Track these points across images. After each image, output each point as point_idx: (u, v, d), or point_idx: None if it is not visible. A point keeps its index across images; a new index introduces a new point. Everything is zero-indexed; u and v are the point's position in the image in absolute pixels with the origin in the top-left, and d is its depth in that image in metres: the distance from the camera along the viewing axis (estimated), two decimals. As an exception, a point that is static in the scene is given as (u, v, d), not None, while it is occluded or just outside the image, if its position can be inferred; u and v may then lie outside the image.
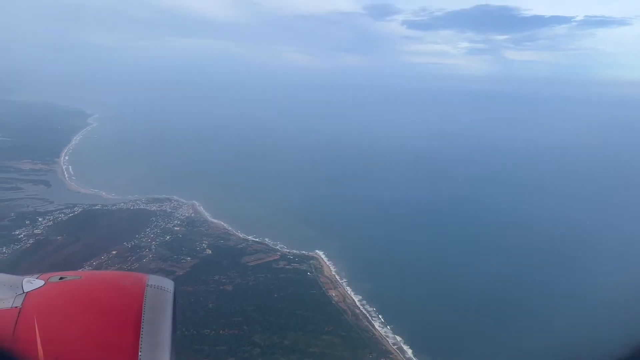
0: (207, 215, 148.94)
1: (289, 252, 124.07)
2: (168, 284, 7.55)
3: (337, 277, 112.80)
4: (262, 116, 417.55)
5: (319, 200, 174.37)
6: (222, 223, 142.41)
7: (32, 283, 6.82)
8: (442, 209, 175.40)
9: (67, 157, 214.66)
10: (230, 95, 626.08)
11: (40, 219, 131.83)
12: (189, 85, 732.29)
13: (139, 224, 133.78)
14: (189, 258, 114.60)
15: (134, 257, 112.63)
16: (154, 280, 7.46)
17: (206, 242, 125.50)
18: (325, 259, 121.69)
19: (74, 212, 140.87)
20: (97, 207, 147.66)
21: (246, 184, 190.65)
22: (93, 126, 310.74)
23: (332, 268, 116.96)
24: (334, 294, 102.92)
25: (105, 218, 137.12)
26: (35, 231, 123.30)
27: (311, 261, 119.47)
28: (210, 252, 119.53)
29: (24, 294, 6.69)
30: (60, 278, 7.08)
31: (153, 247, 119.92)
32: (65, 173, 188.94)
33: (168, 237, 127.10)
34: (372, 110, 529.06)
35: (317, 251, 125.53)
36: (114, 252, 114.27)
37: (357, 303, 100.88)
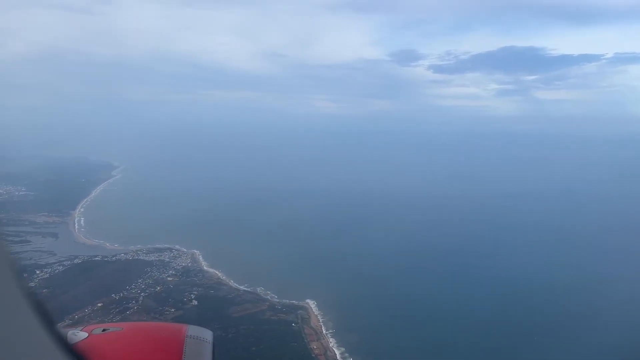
0: (204, 265, 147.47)
1: (278, 302, 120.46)
2: (207, 334, 7.76)
3: (324, 328, 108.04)
4: (283, 164, 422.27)
5: (320, 248, 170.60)
6: (217, 272, 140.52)
7: (77, 335, 7.03)
8: (452, 258, 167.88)
9: (82, 209, 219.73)
10: (256, 144, 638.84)
11: (38, 272, 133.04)
12: (219, 136, 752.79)
13: (133, 275, 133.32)
14: (173, 309, 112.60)
15: (117, 310, 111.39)
16: (193, 330, 7.68)
17: (195, 293, 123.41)
18: (316, 309, 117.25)
19: (74, 263, 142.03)
20: (97, 259, 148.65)
21: (251, 231, 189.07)
22: (116, 178, 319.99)
23: (320, 318, 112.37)
24: (315, 347, 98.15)
25: (100, 269, 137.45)
26: (30, 284, 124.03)
27: (299, 311, 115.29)
28: (196, 303, 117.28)
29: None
30: (103, 330, 7.37)
31: (141, 298, 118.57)
32: (76, 225, 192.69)
33: (159, 288, 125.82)
34: (389, 155, 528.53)
35: (308, 300, 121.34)
36: (99, 305, 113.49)
37: (339, 356, 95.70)
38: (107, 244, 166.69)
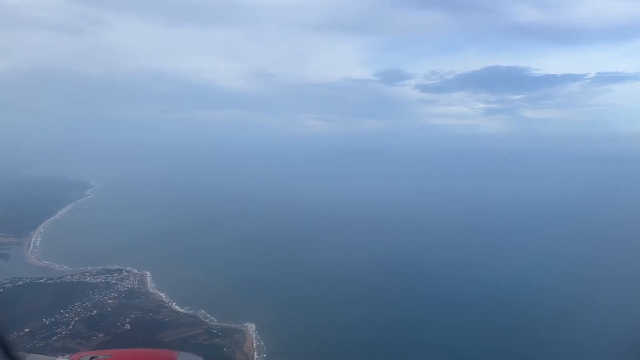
0: (150, 287, 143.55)
1: (216, 326, 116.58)
2: None
3: (256, 352, 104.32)
4: (262, 183, 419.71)
5: (274, 267, 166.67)
6: (162, 294, 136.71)
7: None
8: (417, 277, 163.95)
9: (42, 230, 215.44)
10: (241, 163, 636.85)
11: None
12: (206, 155, 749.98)
13: (72, 298, 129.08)
14: (102, 334, 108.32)
15: (44, 335, 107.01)
16: (184, 357, 7.85)
17: (132, 316, 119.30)
18: (253, 333, 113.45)
19: (15, 286, 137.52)
20: (40, 281, 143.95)
21: (208, 252, 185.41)
22: (87, 198, 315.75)
23: (255, 342, 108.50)
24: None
25: (40, 292, 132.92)
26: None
27: (235, 335, 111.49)
28: (129, 327, 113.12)
29: None
30: (91, 358, 7.28)
31: (72, 323, 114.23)
32: (31, 246, 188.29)
33: (95, 312, 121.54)
34: (372, 172, 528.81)
35: (247, 324, 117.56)
36: (26, 330, 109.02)
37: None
38: (57, 266, 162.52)
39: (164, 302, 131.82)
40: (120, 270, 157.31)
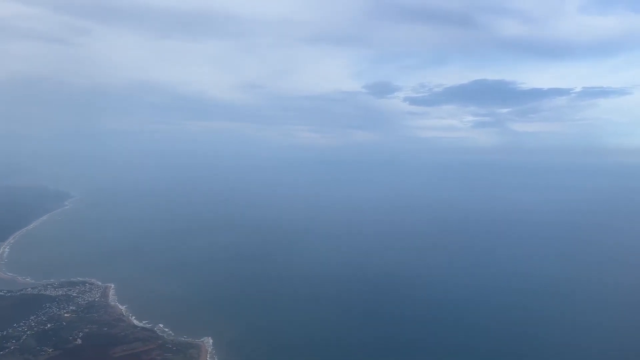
0: (112, 300, 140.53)
1: (172, 340, 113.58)
2: None
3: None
4: (243, 194, 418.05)
5: (244, 282, 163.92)
6: (122, 308, 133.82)
7: None
8: (399, 286, 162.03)
9: (12, 241, 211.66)
10: (227, 174, 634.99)
11: None
12: (193, 166, 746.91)
13: (28, 311, 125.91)
14: (50, 349, 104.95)
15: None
16: None
17: (86, 331, 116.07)
18: (210, 347, 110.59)
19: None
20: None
21: (177, 265, 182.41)
22: (65, 208, 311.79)
23: (209, 358, 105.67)
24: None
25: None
26: None
27: (190, 350, 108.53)
28: (80, 342, 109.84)
29: None
30: None
31: (24, 337, 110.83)
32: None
33: (49, 326, 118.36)
34: (356, 184, 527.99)
35: (205, 338, 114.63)
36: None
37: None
38: (20, 278, 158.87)
39: (123, 315, 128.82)
40: (84, 283, 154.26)
